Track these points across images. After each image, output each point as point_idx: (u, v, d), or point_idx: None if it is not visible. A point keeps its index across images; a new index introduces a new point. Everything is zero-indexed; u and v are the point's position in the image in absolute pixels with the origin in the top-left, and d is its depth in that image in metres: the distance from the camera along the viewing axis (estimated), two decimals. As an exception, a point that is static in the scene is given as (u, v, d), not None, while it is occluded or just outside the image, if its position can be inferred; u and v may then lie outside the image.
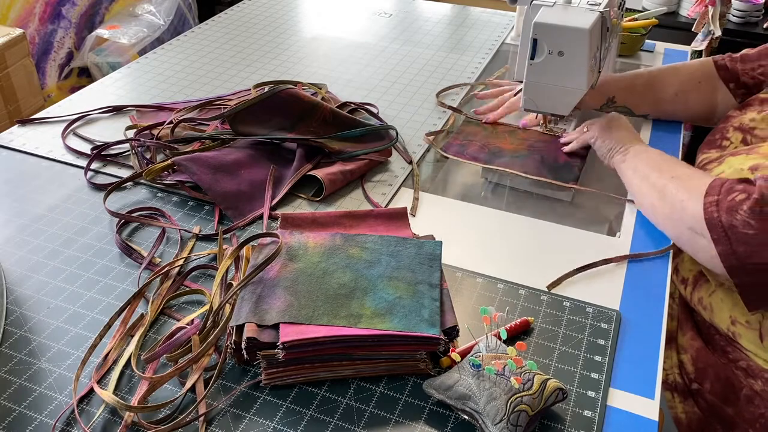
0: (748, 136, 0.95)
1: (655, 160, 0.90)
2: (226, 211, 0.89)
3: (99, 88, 1.24)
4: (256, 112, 1.00)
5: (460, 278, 0.80)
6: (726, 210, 0.72)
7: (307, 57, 1.38)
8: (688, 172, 0.84)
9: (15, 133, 1.08)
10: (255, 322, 0.66)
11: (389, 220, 0.83)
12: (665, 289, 0.80)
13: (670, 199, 0.83)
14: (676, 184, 0.83)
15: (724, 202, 0.73)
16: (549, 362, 0.69)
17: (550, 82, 0.95)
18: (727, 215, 0.72)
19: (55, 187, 0.96)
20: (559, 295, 0.78)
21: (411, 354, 0.66)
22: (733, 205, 0.71)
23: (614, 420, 0.64)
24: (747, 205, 0.70)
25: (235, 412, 0.64)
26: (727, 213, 0.72)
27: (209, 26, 1.53)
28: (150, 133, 1.05)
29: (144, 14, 2.79)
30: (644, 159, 0.92)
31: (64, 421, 0.62)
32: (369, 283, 0.71)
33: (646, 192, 0.89)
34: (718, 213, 0.73)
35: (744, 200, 0.71)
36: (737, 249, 0.71)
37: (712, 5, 1.71)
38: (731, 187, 0.74)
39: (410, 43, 1.46)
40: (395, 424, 0.63)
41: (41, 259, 0.82)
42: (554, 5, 0.95)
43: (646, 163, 0.91)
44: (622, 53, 1.42)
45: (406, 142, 1.08)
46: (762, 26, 2.38)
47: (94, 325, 0.73)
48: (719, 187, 0.76)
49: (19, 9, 2.41)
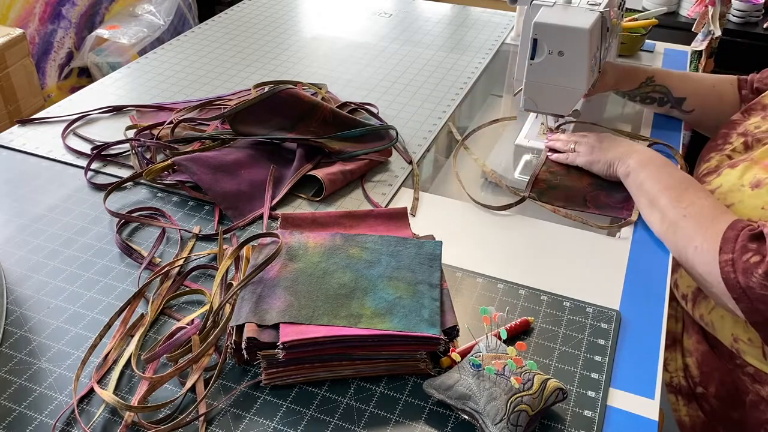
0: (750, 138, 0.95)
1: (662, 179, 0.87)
2: (226, 211, 0.89)
3: (99, 88, 1.24)
4: (256, 112, 1.00)
5: (460, 278, 0.80)
6: (742, 272, 0.72)
7: (307, 57, 1.38)
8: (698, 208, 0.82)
9: (15, 133, 1.08)
10: (255, 322, 0.66)
11: (389, 220, 0.83)
12: (665, 289, 0.80)
13: (681, 240, 0.81)
14: (689, 225, 0.81)
15: (739, 262, 0.73)
16: (549, 362, 0.69)
17: (550, 82, 0.95)
18: (744, 277, 0.72)
19: (55, 187, 0.96)
20: (559, 295, 0.78)
21: (411, 354, 0.66)
22: (748, 267, 0.72)
23: (614, 420, 0.64)
24: (762, 269, 0.71)
25: (235, 412, 0.64)
26: (743, 275, 0.72)
27: (209, 26, 1.53)
28: (150, 133, 1.05)
29: (144, 14, 2.79)
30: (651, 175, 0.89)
31: (64, 421, 0.62)
32: (369, 283, 0.71)
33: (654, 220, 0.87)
34: (735, 274, 0.73)
35: (759, 263, 0.71)
36: (758, 307, 0.72)
37: (712, 5, 1.71)
38: (745, 246, 0.73)
39: (410, 43, 1.46)
40: (395, 424, 0.63)
41: (41, 259, 0.82)
42: (554, 5, 0.95)
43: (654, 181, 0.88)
44: (622, 53, 1.42)
45: (406, 142, 1.08)
46: (762, 26, 2.38)
47: (94, 325, 0.73)
48: (733, 243, 0.75)
49: (19, 9, 2.41)
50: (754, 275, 0.71)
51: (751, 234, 0.74)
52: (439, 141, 1.13)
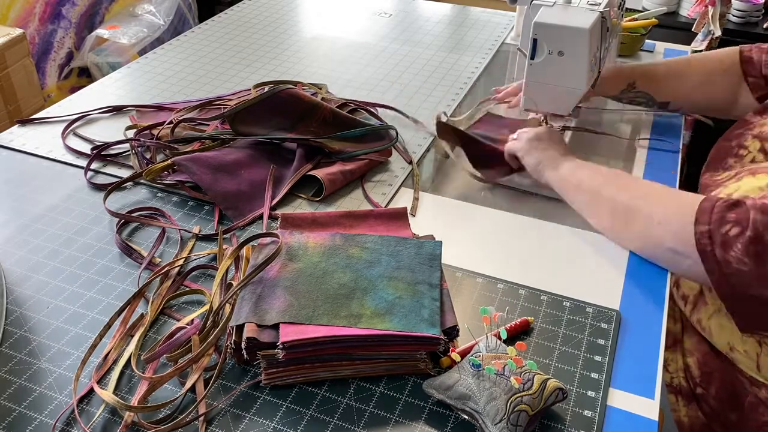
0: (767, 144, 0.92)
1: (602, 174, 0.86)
2: (226, 211, 0.89)
3: (99, 88, 1.24)
4: (256, 112, 1.00)
5: (460, 278, 0.80)
6: (720, 245, 0.70)
7: (307, 57, 1.38)
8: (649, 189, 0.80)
9: (15, 133, 1.08)
10: (255, 322, 0.66)
11: (389, 220, 0.83)
12: (665, 289, 0.80)
13: (641, 220, 0.79)
14: (645, 204, 0.79)
15: (716, 234, 0.70)
16: (549, 362, 0.69)
17: (550, 81, 0.95)
18: (722, 250, 0.70)
19: (55, 187, 0.96)
20: (559, 295, 0.78)
21: (411, 354, 0.66)
22: (726, 240, 0.69)
23: (614, 420, 0.64)
24: (741, 242, 0.68)
25: (235, 412, 0.64)
26: (721, 248, 0.70)
27: (209, 26, 1.53)
28: (150, 133, 1.05)
29: (144, 14, 2.79)
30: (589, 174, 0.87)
31: (64, 421, 0.62)
32: (369, 283, 0.71)
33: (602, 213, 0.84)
34: (711, 246, 0.70)
35: (738, 235, 0.69)
36: (731, 281, 0.70)
37: (712, 5, 1.71)
38: (722, 216, 0.71)
39: (410, 43, 1.46)
40: (395, 424, 0.63)
41: (41, 259, 0.82)
42: (554, 5, 0.95)
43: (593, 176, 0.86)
44: (622, 53, 1.42)
45: (406, 142, 1.08)
46: (762, 26, 2.38)
47: (94, 325, 0.73)
48: (709, 214, 0.72)
49: (19, 9, 2.41)
50: (732, 249, 0.69)
51: (728, 204, 0.71)
52: (438, 141, 1.13)
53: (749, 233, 0.69)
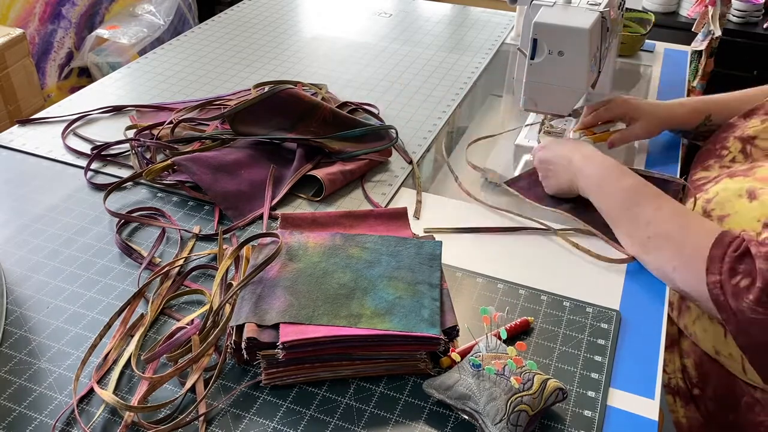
0: (748, 146, 0.93)
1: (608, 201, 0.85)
2: (226, 211, 0.89)
3: (99, 88, 1.24)
4: (256, 112, 1.00)
5: (460, 278, 0.80)
6: (732, 295, 0.70)
7: (307, 57, 1.38)
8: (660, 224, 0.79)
9: (15, 133, 1.08)
10: (255, 322, 0.66)
11: (389, 220, 0.83)
12: (665, 289, 0.80)
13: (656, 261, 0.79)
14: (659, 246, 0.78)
15: (728, 285, 0.71)
16: (549, 362, 0.69)
17: (550, 81, 0.95)
18: (734, 300, 0.70)
19: (55, 187, 0.96)
20: (559, 295, 0.78)
21: (411, 354, 0.66)
22: (738, 291, 0.70)
23: (614, 420, 0.64)
24: (753, 294, 0.69)
25: (235, 412, 0.64)
26: (733, 298, 0.70)
27: (209, 26, 1.53)
28: (150, 133, 1.05)
29: (144, 14, 2.79)
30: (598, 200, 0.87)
31: (64, 421, 0.62)
32: (369, 283, 0.71)
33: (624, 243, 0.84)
34: (724, 297, 0.71)
35: (749, 287, 0.69)
36: (748, 330, 0.70)
37: (712, 5, 1.71)
38: (733, 268, 0.71)
39: (410, 43, 1.46)
40: (395, 424, 0.63)
41: (41, 259, 0.82)
42: (554, 5, 0.95)
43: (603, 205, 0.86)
44: (622, 53, 1.42)
45: (406, 142, 1.08)
46: (762, 26, 2.38)
47: (94, 325, 0.73)
48: (720, 264, 0.72)
49: (19, 9, 2.41)
50: (744, 300, 0.69)
51: (737, 255, 0.72)
52: (438, 141, 1.13)
53: (759, 284, 0.69)
